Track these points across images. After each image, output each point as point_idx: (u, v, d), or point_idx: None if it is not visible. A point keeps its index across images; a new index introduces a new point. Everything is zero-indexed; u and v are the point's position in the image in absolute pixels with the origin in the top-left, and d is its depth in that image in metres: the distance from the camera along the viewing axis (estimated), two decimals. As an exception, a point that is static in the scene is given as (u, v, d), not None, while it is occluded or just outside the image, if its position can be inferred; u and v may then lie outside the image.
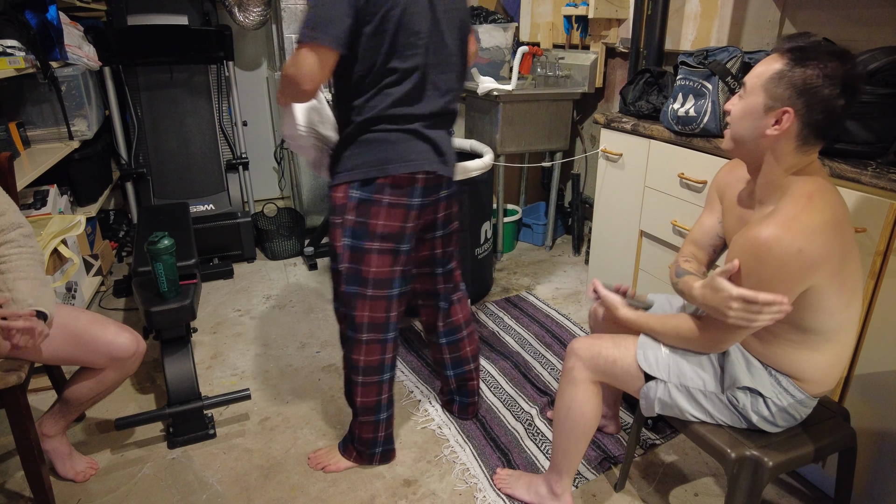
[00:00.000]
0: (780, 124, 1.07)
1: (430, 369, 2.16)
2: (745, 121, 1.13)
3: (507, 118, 2.84)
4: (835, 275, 1.08)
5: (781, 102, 1.06)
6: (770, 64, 1.09)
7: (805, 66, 1.04)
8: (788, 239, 1.03)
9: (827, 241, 1.05)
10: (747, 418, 1.24)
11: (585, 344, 1.39)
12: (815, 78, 1.03)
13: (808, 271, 1.05)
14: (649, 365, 1.30)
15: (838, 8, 1.85)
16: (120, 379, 1.56)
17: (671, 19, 2.30)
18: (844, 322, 1.15)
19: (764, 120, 1.09)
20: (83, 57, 2.60)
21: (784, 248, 1.03)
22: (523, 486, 1.58)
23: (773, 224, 1.06)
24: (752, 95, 1.10)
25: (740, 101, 1.14)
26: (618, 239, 2.30)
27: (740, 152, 1.18)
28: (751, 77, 1.12)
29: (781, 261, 1.04)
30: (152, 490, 1.64)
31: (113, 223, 3.23)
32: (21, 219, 1.45)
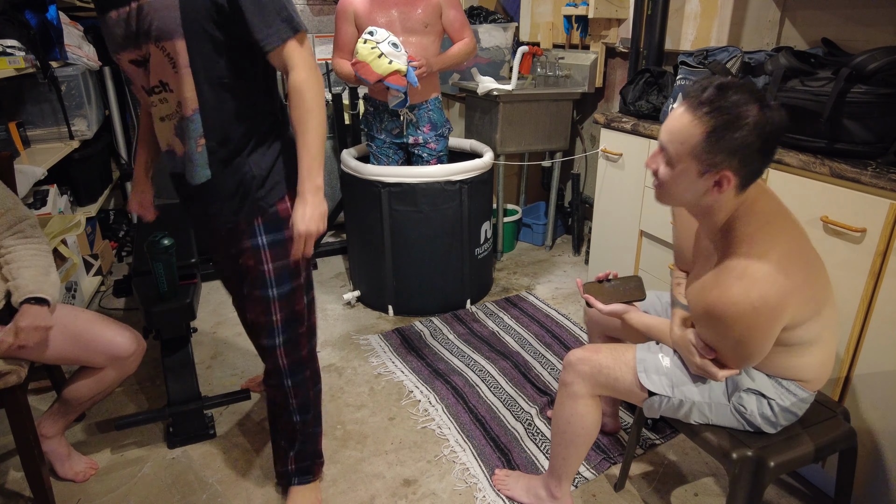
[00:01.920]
0: (720, 187, 1.04)
1: (430, 370, 2.17)
2: (678, 185, 1.08)
3: (507, 118, 2.84)
4: (804, 299, 1.08)
5: (716, 167, 1.02)
6: (690, 126, 1.02)
7: (731, 129, 0.99)
8: (744, 301, 1.02)
9: (783, 278, 1.03)
10: (752, 423, 1.24)
11: (584, 358, 1.34)
12: (745, 137, 0.99)
13: (775, 317, 1.05)
14: (652, 383, 1.27)
15: (838, 8, 1.85)
16: (119, 378, 1.56)
17: (671, 19, 2.30)
18: (825, 323, 1.15)
19: (702, 183, 1.05)
20: (83, 57, 2.60)
21: (742, 310, 1.03)
22: (522, 487, 1.58)
23: (723, 286, 1.04)
24: (682, 163, 1.05)
25: (667, 168, 1.08)
26: (618, 239, 2.30)
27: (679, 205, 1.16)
28: (672, 143, 1.05)
29: (745, 320, 1.04)
30: (152, 490, 1.64)
31: (113, 223, 3.22)
32: (26, 211, 1.48)
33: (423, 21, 2.32)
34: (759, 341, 1.08)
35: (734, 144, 0.99)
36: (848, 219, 1.39)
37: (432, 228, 2.42)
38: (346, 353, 2.30)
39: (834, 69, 1.49)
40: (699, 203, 1.10)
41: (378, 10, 2.29)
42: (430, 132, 2.48)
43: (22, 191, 1.90)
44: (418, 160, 2.52)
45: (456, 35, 2.40)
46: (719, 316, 1.06)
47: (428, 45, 2.36)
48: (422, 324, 2.49)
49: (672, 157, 1.06)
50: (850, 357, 1.44)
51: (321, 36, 3.15)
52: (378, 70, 2.15)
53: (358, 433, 1.86)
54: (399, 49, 2.18)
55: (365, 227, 2.51)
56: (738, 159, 1.01)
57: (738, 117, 0.99)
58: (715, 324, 1.09)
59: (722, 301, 1.04)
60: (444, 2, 2.34)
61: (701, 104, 1.01)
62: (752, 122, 0.98)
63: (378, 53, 2.14)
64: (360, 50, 2.17)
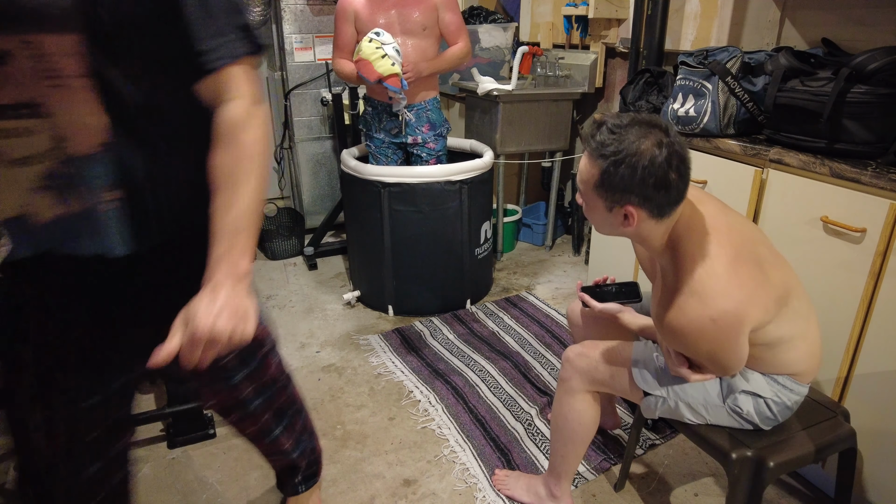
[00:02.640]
0: (629, 220, 1.08)
1: (430, 370, 2.17)
2: (596, 219, 1.13)
3: (507, 118, 2.84)
4: (763, 300, 1.09)
5: (619, 203, 1.06)
6: (588, 167, 1.08)
7: (619, 167, 1.02)
8: (699, 316, 1.05)
9: (736, 289, 1.05)
10: (749, 421, 1.24)
11: (581, 354, 1.36)
12: (633, 174, 1.01)
13: (737, 324, 1.06)
14: (647, 384, 1.28)
15: (838, 8, 1.85)
16: None
17: (671, 19, 2.29)
18: (797, 315, 1.17)
19: (612, 217, 1.10)
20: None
21: (701, 328, 1.06)
22: (522, 487, 1.58)
23: (677, 308, 1.07)
24: (591, 200, 1.10)
25: (583, 201, 1.14)
26: (617, 239, 2.30)
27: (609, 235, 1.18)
28: (581, 183, 1.12)
29: (707, 335, 1.07)
30: (152, 490, 1.64)
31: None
32: None
33: (422, 24, 2.34)
34: (730, 352, 1.10)
35: (624, 183, 1.03)
36: (848, 219, 1.39)
37: (432, 228, 2.42)
38: (346, 353, 2.30)
39: (834, 69, 1.49)
40: (626, 235, 1.14)
41: (378, 11, 2.30)
42: (428, 132, 2.49)
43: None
44: (417, 160, 2.53)
45: (451, 38, 2.43)
46: (681, 335, 1.09)
47: (426, 48, 2.39)
48: (422, 324, 2.49)
49: (584, 195, 1.12)
50: (850, 357, 1.44)
51: (321, 36, 3.15)
52: (380, 70, 2.18)
53: (358, 433, 1.86)
54: (400, 56, 2.24)
55: (365, 227, 2.51)
56: (634, 195, 1.04)
57: (625, 158, 1.01)
58: (681, 342, 1.12)
59: (680, 321, 1.07)
60: (441, 4, 2.36)
61: (594, 147, 1.06)
62: (638, 161, 1.01)
63: (382, 54, 2.18)
64: (365, 48, 2.19)
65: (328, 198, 3.44)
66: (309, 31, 3.13)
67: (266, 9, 3.24)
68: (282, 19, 3.08)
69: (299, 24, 3.10)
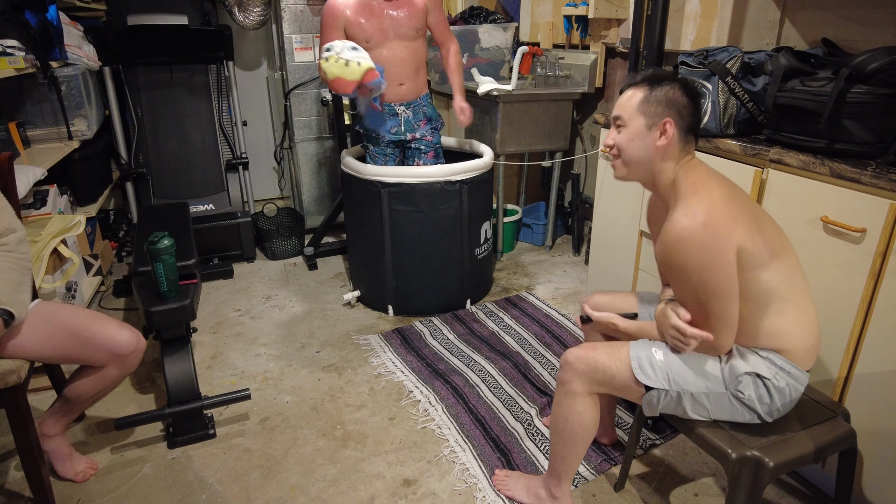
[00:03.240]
0: (665, 134, 1.25)
1: (430, 369, 2.17)
2: (634, 143, 1.29)
3: (507, 118, 2.84)
4: (753, 232, 1.18)
5: (659, 116, 1.25)
6: (631, 94, 1.29)
7: (661, 86, 1.26)
8: (691, 221, 1.16)
9: (726, 209, 1.18)
10: (751, 408, 1.24)
11: (581, 356, 1.37)
12: (672, 91, 1.25)
13: (725, 235, 1.15)
14: (648, 377, 1.29)
15: (838, 8, 1.85)
16: (121, 376, 1.56)
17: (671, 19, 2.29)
18: (789, 275, 1.22)
19: (650, 136, 1.27)
20: (83, 57, 2.60)
21: (691, 229, 1.16)
22: (522, 487, 1.58)
23: (672, 220, 1.19)
24: (633, 122, 1.28)
25: (621, 131, 1.31)
26: (618, 239, 2.30)
27: (636, 173, 1.33)
28: (623, 109, 1.30)
29: (696, 241, 1.15)
30: (152, 490, 1.64)
31: (113, 223, 3.22)
32: (16, 223, 1.44)
33: (414, 27, 2.39)
34: (719, 270, 1.16)
35: (666, 96, 1.25)
36: (848, 219, 1.39)
37: (432, 228, 2.42)
38: (346, 353, 2.30)
39: (834, 69, 1.49)
40: (650, 164, 1.29)
41: (369, 17, 2.33)
42: (426, 126, 2.55)
43: (22, 191, 1.89)
44: (416, 153, 2.57)
45: (440, 36, 2.51)
46: (675, 244, 1.17)
47: (418, 48, 2.45)
48: (422, 324, 2.49)
49: (625, 120, 1.29)
50: (850, 357, 1.44)
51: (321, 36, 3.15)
52: (353, 77, 2.17)
53: (358, 433, 1.86)
54: (359, 50, 2.21)
55: (365, 227, 2.51)
56: (673, 109, 1.25)
57: (664, 79, 1.27)
58: (672, 258, 1.19)
59: (673, 231, 1.17)
60: (430, 4, 2.42)
61: (637, 81, 1.30)
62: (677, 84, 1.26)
63: (344, 62, 2.15)
64: (327, 69, 2.18)
65: (328, 198, 3.44)
66: (309, 31, 3.13)
67: (266, 9, 3.24)
68: (282, 19, 3.08)
69: (299, 24, 3.10)
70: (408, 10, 2.36)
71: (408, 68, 2.44)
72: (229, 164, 3.22)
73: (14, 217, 1.45)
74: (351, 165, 2.45)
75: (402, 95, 2.47)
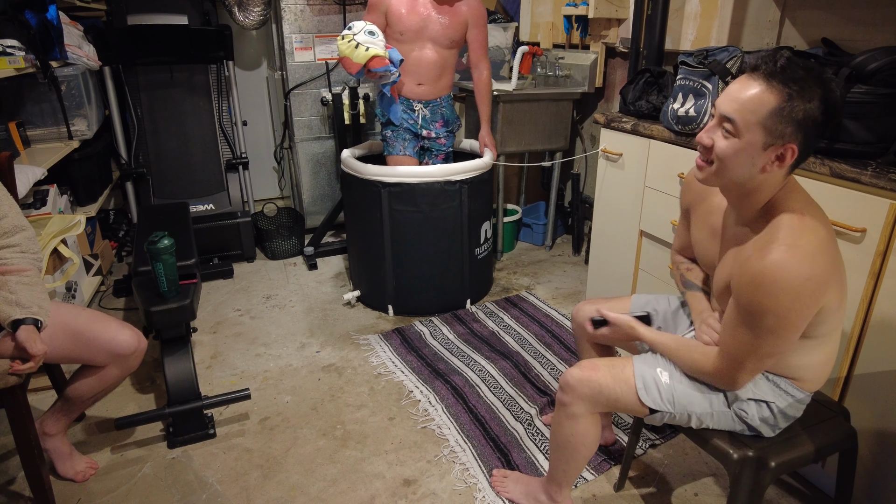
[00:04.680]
0: (783, 161, 1.03)
1: (430, 369, 2.17)
2: (738, 159, 1.04)
3: (507, 118, 2.84)
4: (839, 285, 1.07)
5: (783, 139, 1.00)
6: (762, 95, 1.00)
7: (804, 100, 0.98)
8: (797, 269, 0.99)
9: (829, 258, 1.02)
10: (752, 426, 1.23)
11: (583, 379, 1.29)
12: (816, 111, 0.98)
13: (820, 295, 1.02)
14: (654, 400, 1.24)
15: (838, 8, 1.85)
16: (122, 376, 1.56)
17: (671, 19, 2.29)
18: (839, 321, 1.15)
19: (763, 156, 1.03)
20: (83, 57, 2.60)
21: (794, 278, 0.99)
22: (521, 490, 1.57)
23: (775, 253, 1.01)
24: (748, 133, 1.01)
25: (728, 139, 1.04)
26: (618, 239, 2.30)
27: (724, 184, 1.11)
28: (741, 112, 1.01)
29: (796, 294, 1.00)
30: (152, 490, 1.64)
31: (113, 223, 3.22)
32: (23, 221, 1.45)
33: (450, 37, 2.42)
34: (797, 323, 1.04)
35: (804, 116, 0.98)
36: (848, 219, 1.39)
37: (432, 228, 2.42)
38: (346, 353, 2.30)
39: (834, 69, 1.49)
40: (748, 182, 1.07)
41: (410, 12, 2.36)
42: (441, 128, 2.57)
43: (22, 191, 1.89)
44: (427, 154, 2.60)
45: (474, 55, 2.54)
46: (769, 284, 1.00)
47: (447, 58, 2.48)
48: (422, 324, 2.49)
49: (739, 128, 1.02)
50: (850, 357, 1.44)
51: (321, 36, 3.15)
52: (357, 60, 2.23)
53: (358, 433, 1.86)
54: (376, 35, 2.24)
55: (365, 227, 2.51)
56: (803, 133, 1.00)
57: (809, 89, 0.98)
58: (759, 297, 1.02)
59: (775, 266, 1.00)
60: (472, 20, 2.45)
61: (774, 74, 0.99)
62: (820, 94, 0.98)
63: (355, 45, 2.22)
64: (339, 46, 2.25)
65: (328, 198, 3.44)
66: (309, 31, 3.13)
67: (266, 9, 3.24)
68: (282, 19, 3.08)
69: (299, 24, 3.10)
70: (449, 19, 2.39)
71: (431, 72, 2.47)
72: (229, 164, 3.22)
73: (21, 215, 1.45)
74: (351, 165, 2.45)
75: (419, 94, 2.51)
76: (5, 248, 1.39)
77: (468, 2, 2.42)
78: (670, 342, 1.28)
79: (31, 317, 1.34)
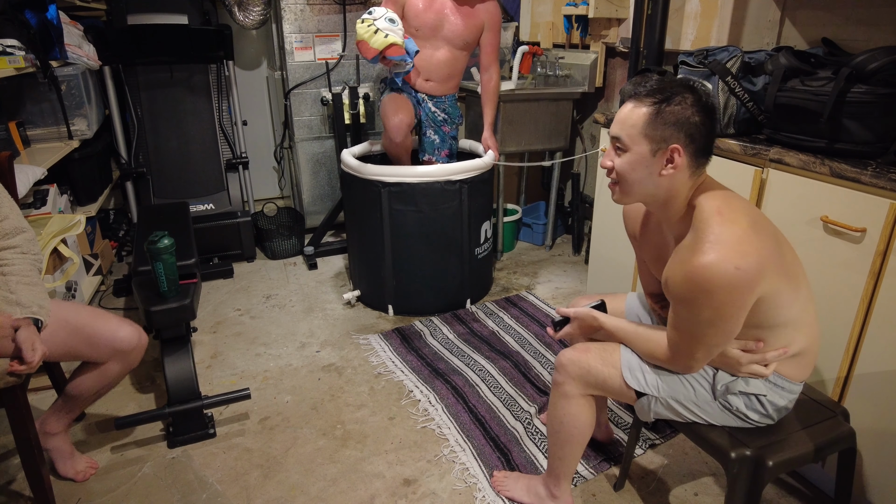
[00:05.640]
0: (673, 163, 1.12)
1: (430, 369, 2.17)
2: (636, 171, 1.15)
3: (507, 118, 2.84)
4: (778, 269, 1.11)
5: (666, 142, 1.11)
6: (635, 111, 1.13)
7: (670, 104, 1.09)
8: (724, 262, 1.04)
9: (756, 246, 1.07)
10: (744, 418, 1.24)
11: (573, 359, 1.35)
12: (683, 109, 1.09)
13: (754, 282, 1.07)
14: (639, 383, 1.29)
15: (838, 8, 1.85)
16: (123, 372, 1.56)
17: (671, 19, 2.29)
18: (803, 305, 1.18)
19: (655, 163, 1.13)
20: (83, 56, 2.60)
21: (723, 271, 1.05)
22: (522, 488, 1.58)
23: (702, 253, 1.07)
24: (635, 146, 1.13)
25: (621, 155, 1.16)
26: (618, 238, 2.30)
27: (638, 199, 1.20)
28: (623, 129, 1.14)
29: (726, 284, 1.05)
30: (152, 489, 1.64)
31: (113, 222, 3.22)
32: (24, 222, 1.45)
33: (464, 38, 2.45)
34: (735, 314, 1.09)
35: (677, 117, 1.10)
36: (848, 219, 1.39)
37: (432, 228, 2.42)
38: (346, 352, 2.30)
39: (834, 69, 1.49)
40: (655, 191, 1.16)
41: (428, 8, 2.39)
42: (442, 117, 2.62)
43: (22, 190, 1.89)
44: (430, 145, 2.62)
45: (486, 58, 2.56)
46: (700, 282, 1.07)
47: (459, 58, 2.52)
48: (422, 323, 2.49)
49: (626, 143, 1.14)
50: (850, 357, 1.44)
51: (321, 35, 3.15)
52: (375, 45, 2.22)
53: (358, 433, 1.86)
54: (396, 24, 2.24)
55: (365, 227, 2.51)
56: (684, 132, 1.10)
57: (675, 94, 1.11)
58: (695, 294, 1.09)
59: (703, 266, 1.06)
60: (489, 24, 2.47)
61: (643, 94, 1.13)
62: (689, 98, 1.10)
63: (374, 30, 2.21)
64: (358, 30, 2.24)
65: (328, 198, 3.44)
66: (309, 30, 3.13)
67: (266, 8, 3.24)
68: (282, 19, 3.08)
69: (299, 23, 3.10)
70: (465, 21, 2.41)
71: (441, 71, 2.51)
72: (229, 164, 3.22)
73: (21, 216, 1.46)
74: (351, 165, 2.45)
75: (426, 89, 2.54)
76: (6, 249, 1.39)
77: (486, 6, 2.45)
78: (629, 329, 1.32)
79: (32, 316, 1.34)
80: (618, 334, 1.34)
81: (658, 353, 1.25)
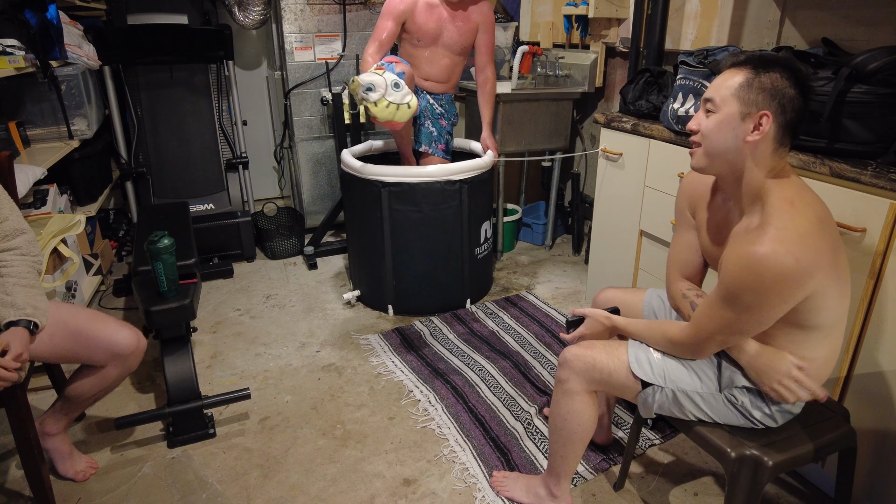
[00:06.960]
0: (760, 128, 1.10)
1: (430, 369, 2.17)
2: (722, 132, 1.14)
3: (507, 118, 2.84)
4: (831, 271, 1.09)
5: (757, 107, 1.10)
6: (732, 76, 1.13)
7: (769, 71, 1.10)
8: (783, 251, 1.04)
9: (818, 243, 1.07)
10: (748, 416, 1.24)
11: (578, 354, 1.36)
12: (780, 80, 1.09)
13: (807, 278, 1.06)
14: (644, 372, 1.29)
15: (838, 8, 1.85)
16: (122, 376, 1.56)
17: (671, 19, 2.29)
18: (842, 314, 1.16)
19: (742, 127, 1.12)
20: (83, 56, 2.60)
21: (780, 260, 1.04)
22: (521, 487, 1.58)
23: (765, 239, 1.06)
24: (726, 106, 1.13)
25: (710, 116, 1.15)
26: (618, 238, 2.30)
27: (716, 167, 1.18)
28: (717, 90, 1.14)
29: (780, 273, 1.05)
30: (152, 489, 1.64)
31: (113, 222, 3.22)
32: (24, 224, 1.45)
33: (462, 44, 2.49)
34: (775, 306, 1.08)
35: (773, 84, 1.09)
36: (848, 219, 1.39)
37: (432, 228, 2.42)
38: (346, 352, 2.30)
39: (834, 69, 1.49)
40: (737, 159, 1.14)
41: (427, 19, 2.42)
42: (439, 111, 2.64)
43: (22, 190, 1.89)
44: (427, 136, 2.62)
45: (481, 59, 2.58)
46: (755, 266, 1.06)
47: (457, 63, 2.57)
48: (422, 323, 2.49)
49: (717, 103, 1.14)
50: (850, 357, 1.45)
51: (321, 35, 3.15)
52: (403, 119, 2.18)
53: (358, 433, 1.86)
54: (400, 87, 2.16)
55: (365, 227, 2.51)
56: (777, 101, 1.09)
57: (772, 64, 1.11)
58: (745, 275, 1.08)
59: (763, 252, 1.05)
60: (483, 25, 2.50)
61: (741, 62, 1.14)
62: (787, 72, 1.10)
63: (396, 108, 2.14)
64: (378, 114, 2.14)
65: (328, 197, 3.44)
66: (309, 30, 3.13)
67: (266, 8, 3.23)
68: (282, 19, 3.08)
69: (299, 23, 3.10)
70: (462, 26, 2.45)
71: (440, 75, 2.56)
72: (229, 164, 3.22)
73: (21, 218, 1.45)
74: (351, 165, 2.45)
75: (425, 87, 2.59)
76: (6, 251, 1.39)
77: (479, 8, 2.48)
78: (641, 323, 1.35)
79: (25, 318, 1.34)
80: (629, 328, 1.36)
81: (675, 334, 1.25)
